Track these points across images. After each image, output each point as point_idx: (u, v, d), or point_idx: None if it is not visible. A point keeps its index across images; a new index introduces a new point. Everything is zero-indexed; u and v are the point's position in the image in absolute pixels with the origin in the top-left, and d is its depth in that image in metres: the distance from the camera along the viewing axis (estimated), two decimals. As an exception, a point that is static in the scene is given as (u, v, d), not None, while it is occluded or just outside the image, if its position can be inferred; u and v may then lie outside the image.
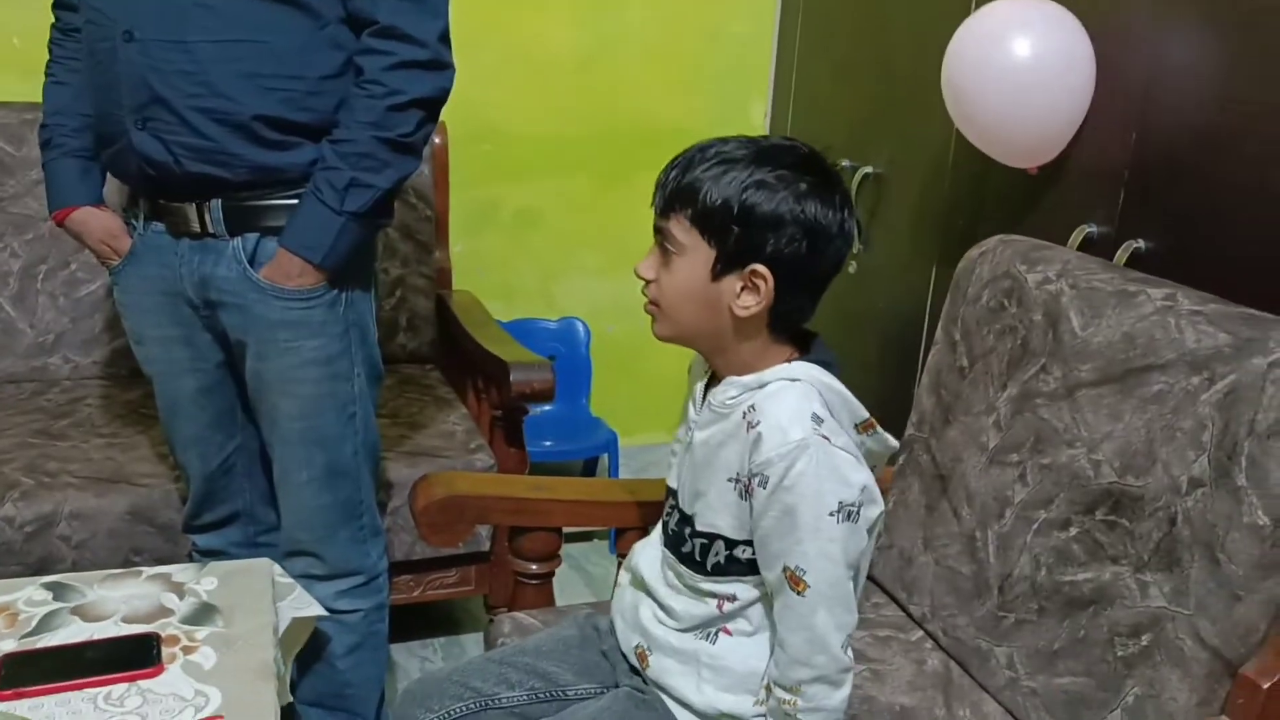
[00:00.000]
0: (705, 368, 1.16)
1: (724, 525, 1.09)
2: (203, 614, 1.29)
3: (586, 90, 2.62)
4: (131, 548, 1.76)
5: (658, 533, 1.23)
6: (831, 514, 1.00)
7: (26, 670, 1.16)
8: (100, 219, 1.51)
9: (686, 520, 1.14)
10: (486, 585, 2.05)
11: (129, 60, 1.34)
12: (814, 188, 1.02)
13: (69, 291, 2.15)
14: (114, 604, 1.30)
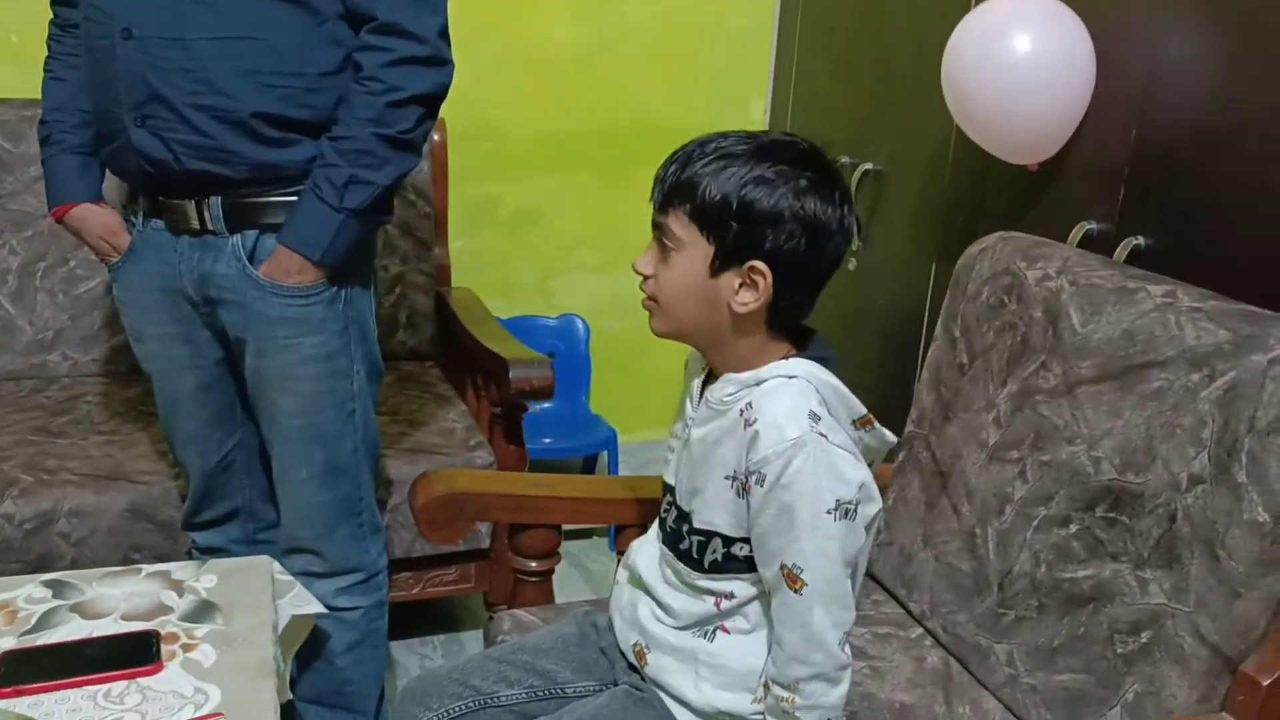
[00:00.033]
0: (702, 364, 1.15)
1: (721, 523, 1.09)
2: (202, 611, 1.29)
3: (586, 87, 2.62)
4: (131, 545, 1.76)
5: (655, 530, 1.23)
6: (829, 512, 1.00)
7: (26, 668, 1.16)
8: (99, 216, 1.51)
9: (684, 517, 1.13)
10: (486, 583, 2.05)
11: (128, 57, 1.33)
12: (814, 184, 1.01)
13: (68, 288, 2.15)
14: (113, 601, 1.30)
